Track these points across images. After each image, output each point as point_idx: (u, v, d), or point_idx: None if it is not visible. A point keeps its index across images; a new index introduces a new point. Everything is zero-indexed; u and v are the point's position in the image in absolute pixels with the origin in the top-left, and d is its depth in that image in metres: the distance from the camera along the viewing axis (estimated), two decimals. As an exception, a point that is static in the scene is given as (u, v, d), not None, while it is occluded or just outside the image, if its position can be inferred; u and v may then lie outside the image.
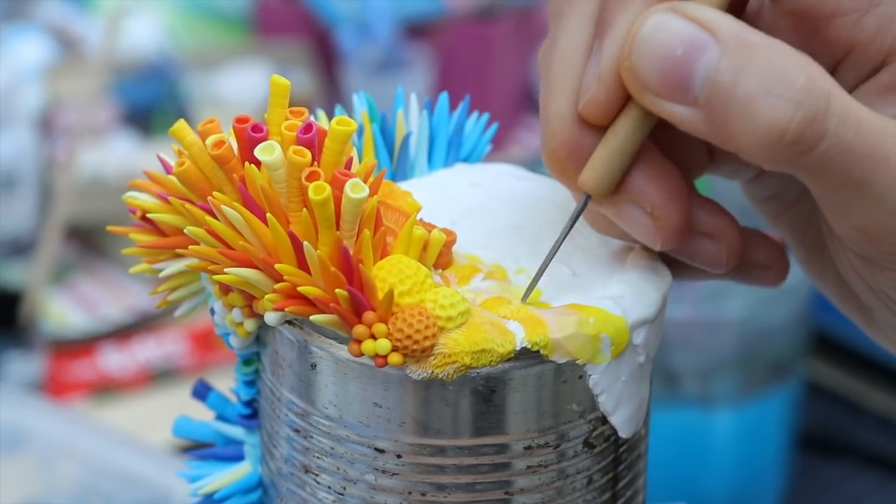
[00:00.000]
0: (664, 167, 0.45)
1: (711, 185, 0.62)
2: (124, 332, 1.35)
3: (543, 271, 0.46)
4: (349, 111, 0.51)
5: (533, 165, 0.51)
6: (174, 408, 0.52)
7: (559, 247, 0.46)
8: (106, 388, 1.32)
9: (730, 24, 0.42)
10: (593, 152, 0.44)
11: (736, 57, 0.41)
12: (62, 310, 1.38)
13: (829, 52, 0.46)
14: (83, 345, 1.33)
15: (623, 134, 0.44)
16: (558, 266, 0.47)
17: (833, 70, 0.46)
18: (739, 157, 0.42)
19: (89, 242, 1.46)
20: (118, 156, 1.45)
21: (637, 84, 0.42)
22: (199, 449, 0.51)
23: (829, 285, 0.50)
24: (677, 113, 0.42)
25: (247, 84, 1.51)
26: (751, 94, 0.41)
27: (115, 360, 1.33)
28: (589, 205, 0.45)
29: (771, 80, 0.41)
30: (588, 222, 0.47)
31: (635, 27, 0.42)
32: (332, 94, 1.57)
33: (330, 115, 0.50)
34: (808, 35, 0.46)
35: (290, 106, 0.45)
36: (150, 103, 1.51)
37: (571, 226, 0.46)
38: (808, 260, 0.51)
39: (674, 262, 0.48)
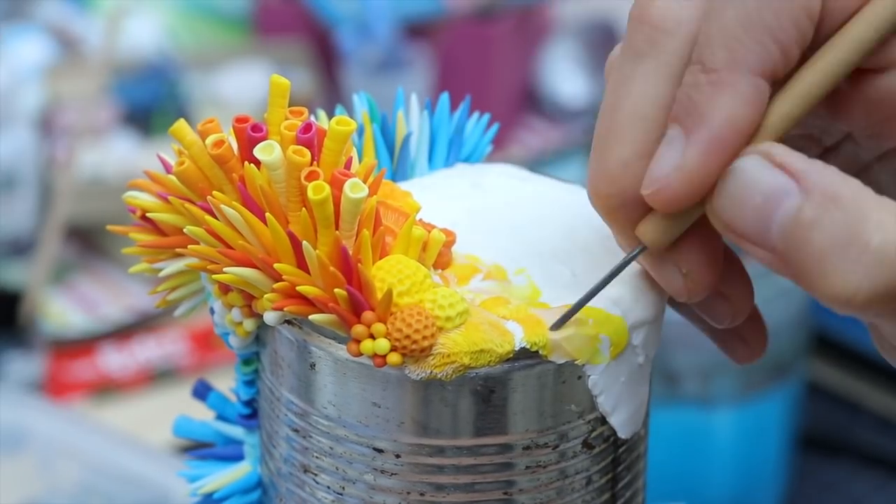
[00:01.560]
0: (709, 233, 0.44)
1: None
2: (124, 332, 1.35)
3: (584, 304, 0.45)
4: (349, 111, 0.51)
5: (533, 165, 0.51)
6: (174, 408, 0.52)
7: (605, 285, 0.45)
8: (106, 388, 1.32)
9: (818, 174, 0.41)
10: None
11: (815, 209, 0.40)
12: (62, 310, 1.38)
13: None
14: (83, 345, 1.33)
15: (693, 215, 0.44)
16: (558, 266, 0.47)
17: None
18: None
19: (89, 242, 1.46)
20: (118, 156, 1.45)
21: (720, 224, 0.42)
22: (198, 449, 0.51)
23: None
24: (756, 254, 0.42)
25: (247, 84, 1.51)
26: (824, 251, 0.40)
27: (115, 360, 1.33)
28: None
29: (846, 239, 0.40)
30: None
31: (725, 171, 0.42)
32: (332, 94, 1.57)
33: (330, 115, 0.50)
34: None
35: (289, 106, 0.45)
36: (150, 103, 1.51)
37: (618, 272, 0.45)
38: None
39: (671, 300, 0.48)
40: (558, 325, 0.45)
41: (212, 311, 0.47)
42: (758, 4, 0.41)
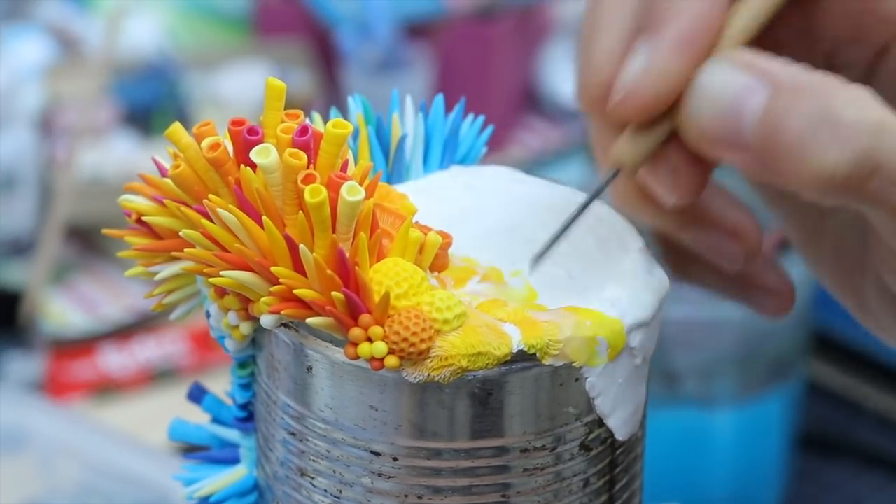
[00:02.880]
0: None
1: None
2: (124, 332, 1.35)
3: (559, 236, 0.46)
4: (350, 111, 0.51)
5: (533, 165, 0.51)
6: (174, 408, 0.52)
7: (578, 215, 0.46)
8: (106, 388, 1.32)
9: (783, 68, 0.41)
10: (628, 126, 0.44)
11: (784, 99, 0.41)
12: (62, 310, 1.38)
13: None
14: (83, 345, 1.33)
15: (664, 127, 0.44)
16: (554, 268, 0.47)
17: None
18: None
19: (89, 242, 1.46)
20: (118, 156, 1.45)
21: (694, 133, 0.42)
22: (195, 452, 0.51)
23: (825, 269, 0.50)
24: (735, 160, 0.42)
25: (247, 84, 1.51)
26: (798, 135, 0.41)
27: (115, 360, 1.33)
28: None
29: (819, 118, 0.41)
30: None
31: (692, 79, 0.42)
32: (332, 94, 1.57)
33: (325, 117, 0.50)
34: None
35: (289, 106, 0.45)
36: (150, 103, 1.51)
37: (596, 196, 0.46)
38: (807, 241, 0.51)
39: (687, 260, 0.48)
40: (535, 259, 0.45)
41: (208, 315, 0.47)
42: None
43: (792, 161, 0.41)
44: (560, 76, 1.68)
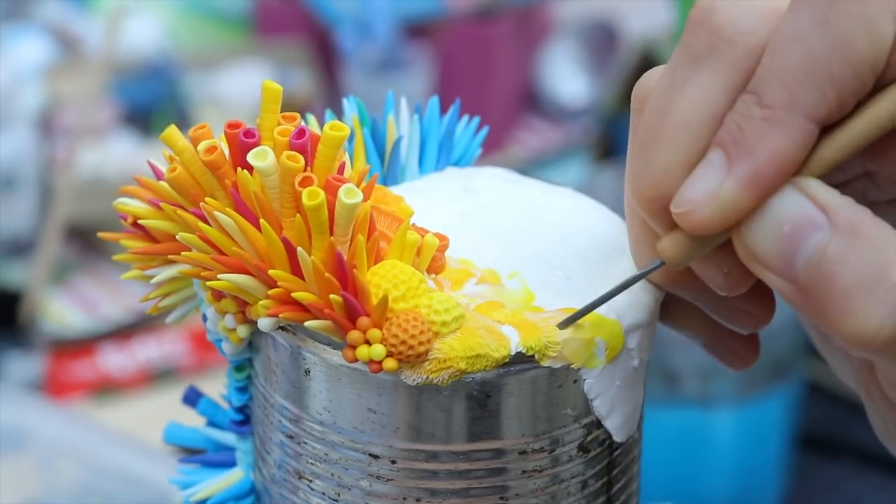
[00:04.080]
0: None
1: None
2: (124, 332, 1.35)
3: (592, 309, 0.45)
4: (345, 113, 0.51)
5: (533, 165, 0.51)
6: (174, 408, 0.52)
7: (619, 292, 0.45)
8: (106, 388, 1.32)
9: (849, 210, 0.41)
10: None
11: (842, 244, 0.40)
12: (62, 310, 1.38)
13: None
14: (83, 345, 1.33)
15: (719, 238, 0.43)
16: (551, 270, 0.47)
17: None
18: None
19: (89, 242, 1.46)
20: (118, 156, 1.46)
21: (744, 250, 0.42)
22: (192, 455, 0.51)
23: (836, 362, 0.50)
24: (778, 286, 0.42)
25: (247, 84, 1.51)
26: (848, 287, 0.40)
27: (115, 360, 1.33)
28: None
29: (872, 276, 0.40)
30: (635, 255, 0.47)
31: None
32: (332, 94, 1.57)
33: (320, 119, 0.49)
34: None
35: (289, 106, 0.45)
36: (150, 103, 1.51)
37: (636, 281, 0.45)
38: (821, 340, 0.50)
39: (676, 308, 0.48)
40: (565, 325, 0.45)
41: (204, 318, 0.47)
42: (825, 51, 0.41)
43: (836, 309, 0.41)
44: (560, 76, 1.68)
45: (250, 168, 0.44)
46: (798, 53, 0.41)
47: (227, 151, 0.45)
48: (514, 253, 0.47)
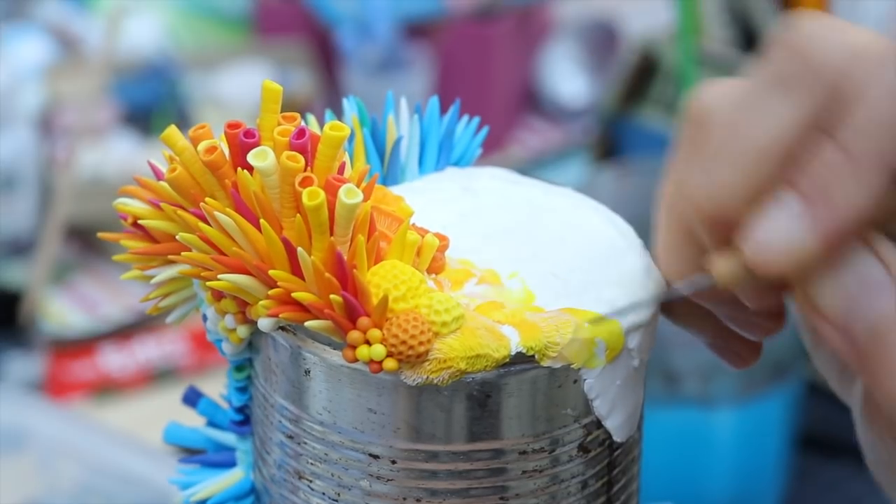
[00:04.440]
0: None
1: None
2: (124, 332, 1.35)
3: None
4: (345, 113, 0.51)
5: (533, 165, 0.51)
6: (174, 408, 0.52)
7: (667, 300, 0.45)
8: (106, 388, 1.32)
9: None
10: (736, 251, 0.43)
11: None
12: (62, 310, 1.38)
13: None
14: (83, 345, 1.33)
15: None
16: (551, 270, 0.47)
17: None
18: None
19: (89, 242, 1.46)
20: (118, 156, 1.46)
21: (807, 300, 0.42)
22: (192, 455, 0.51)
23: (826, 371, 0.50)
24: (833, 339, 0.42)
25: (247, 84, 1.51)
26: None
27: (115, 359, 1.33)
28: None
29: None
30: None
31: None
32: (332, 94, 1.57)
33: (320, 119, 0.49)
34: None
35: (289, 106, 0.45)
36: (150, 103, 1.51)
37: (685, 293, 0.45)
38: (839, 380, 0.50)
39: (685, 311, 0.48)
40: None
41: (204, 318, 0.47)
42: None
43: (884, 376, 0.41)
44: (560, 76, 1.68)
45: (250, 168, 0.44)
46: (890, 106, 0.40)
47: (227, 151, 0.45)
48: (514, 253, 0.47)
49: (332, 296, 0.43)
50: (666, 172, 0.45)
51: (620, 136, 1.36)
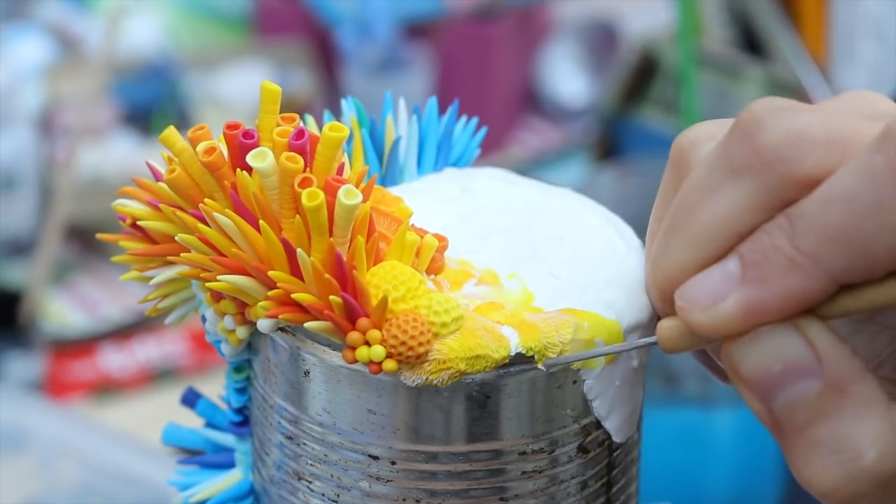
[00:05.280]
0: None
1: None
2: (124, 332, 1.35)
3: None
4: (343, 114, 0.51)
5: (533, 165, 0.51)
6: (174, 408, 0.52)
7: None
8: (106, 388, 1.32)
9: (840, 363, 0.41)
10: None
11: (824, 401, 0.41)
12: (62, 310, 1.38)
13: None
14: (83, 345, 1.34)
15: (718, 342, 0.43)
16: (551, 271, 0.47)
17: None
18: None
19: (89, 242, 1.46)
20: (118, 156, 1.46)
21: (731, 367, 0.42)
22: (191, 456, 0.51)
23: None
24: (752, 405, 0.42)
25: (247, 84, 1.51)
26: (818, 443, 0.41)
27: (115, 360, 1.33)
28: None
29: (841, 442, 0.40)
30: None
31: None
32: (332, 95, 1.57)
33: (319, 120, 0.49)
34: None
35: (290, 106, 0.45)
36: (150, 103, 1.51)
37: (627, 349, 0.45)
38: None
39: None
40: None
41: (203, 319, 0.47)
42: (871, 231, 0.39)
43: (800, 458, 0.41)
44: (560, 76, 1.68)
45: (249, 169, 0.44)
46: (842, 216, 0.40)
47: (226, 152, 0.45)
48: (513, 254, 0.47)
49: (331, 297, 0.43)
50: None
51: (620, 136, 1.36)
